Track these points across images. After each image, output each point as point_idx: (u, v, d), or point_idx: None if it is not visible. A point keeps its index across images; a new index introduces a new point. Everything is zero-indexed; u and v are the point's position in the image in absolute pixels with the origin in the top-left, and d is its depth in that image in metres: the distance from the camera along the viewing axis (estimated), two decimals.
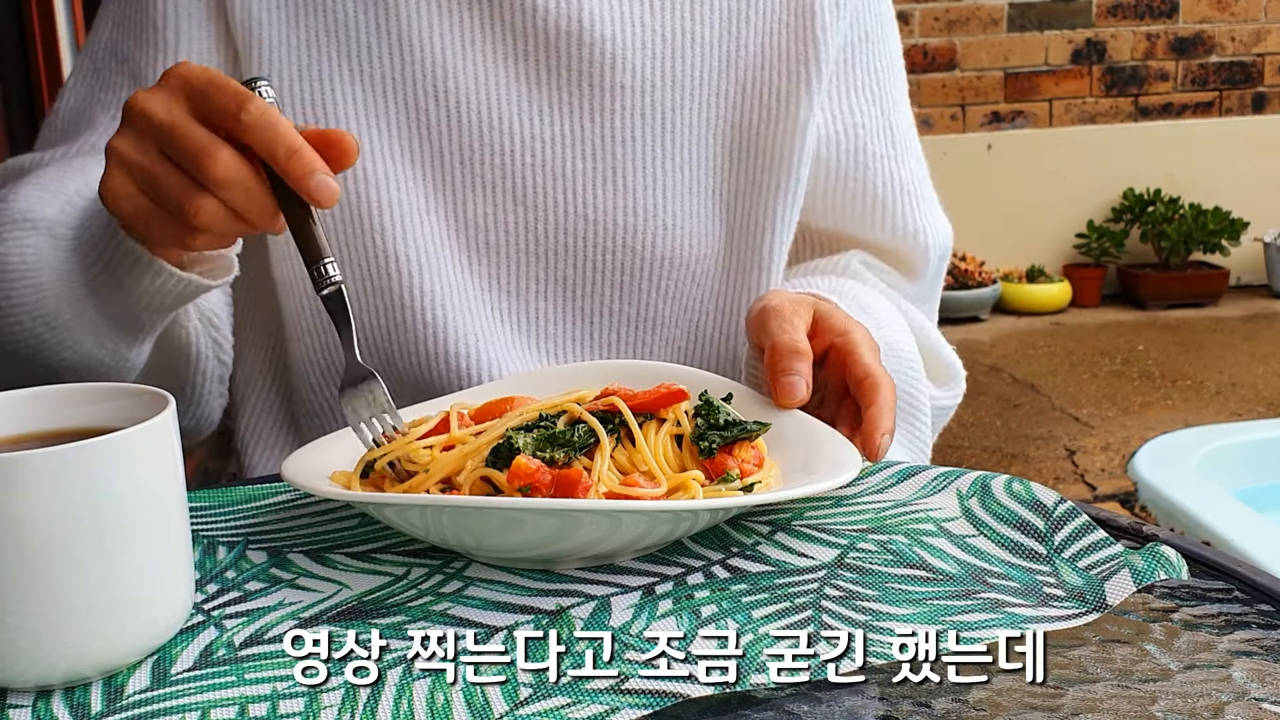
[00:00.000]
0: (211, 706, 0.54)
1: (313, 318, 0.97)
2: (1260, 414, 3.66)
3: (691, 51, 0.96)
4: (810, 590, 0.63)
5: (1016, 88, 5.20)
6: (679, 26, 0.96)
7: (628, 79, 0.94)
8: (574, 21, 0.93)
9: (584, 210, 0.95)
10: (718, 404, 0.73)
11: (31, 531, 0.53)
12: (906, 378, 1.00)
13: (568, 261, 0.96)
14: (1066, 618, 0.60)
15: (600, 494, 0.66)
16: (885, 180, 1.04)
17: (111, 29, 0.96)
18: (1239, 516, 2.75)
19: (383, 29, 0.92)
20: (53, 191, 0.87)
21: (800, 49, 0.98)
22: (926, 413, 1.02)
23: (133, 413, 0.59)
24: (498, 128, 0.93)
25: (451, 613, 0.62)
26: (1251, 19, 5.28)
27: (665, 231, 0.96)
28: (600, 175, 0.95)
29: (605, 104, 0.94)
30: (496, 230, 0.95)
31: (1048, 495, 0.71)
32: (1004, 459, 3.36)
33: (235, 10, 0.91)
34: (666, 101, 0.96)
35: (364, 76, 0.92)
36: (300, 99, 0.92)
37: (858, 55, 1.02)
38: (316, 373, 0.99)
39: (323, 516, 0.74)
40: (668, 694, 0.53)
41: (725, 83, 0.97)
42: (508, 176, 0.94)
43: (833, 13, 0.98)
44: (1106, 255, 5.13)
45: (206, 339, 0.92)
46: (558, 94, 0.94)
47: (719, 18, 0.97)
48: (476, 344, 0.94)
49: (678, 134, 0.96)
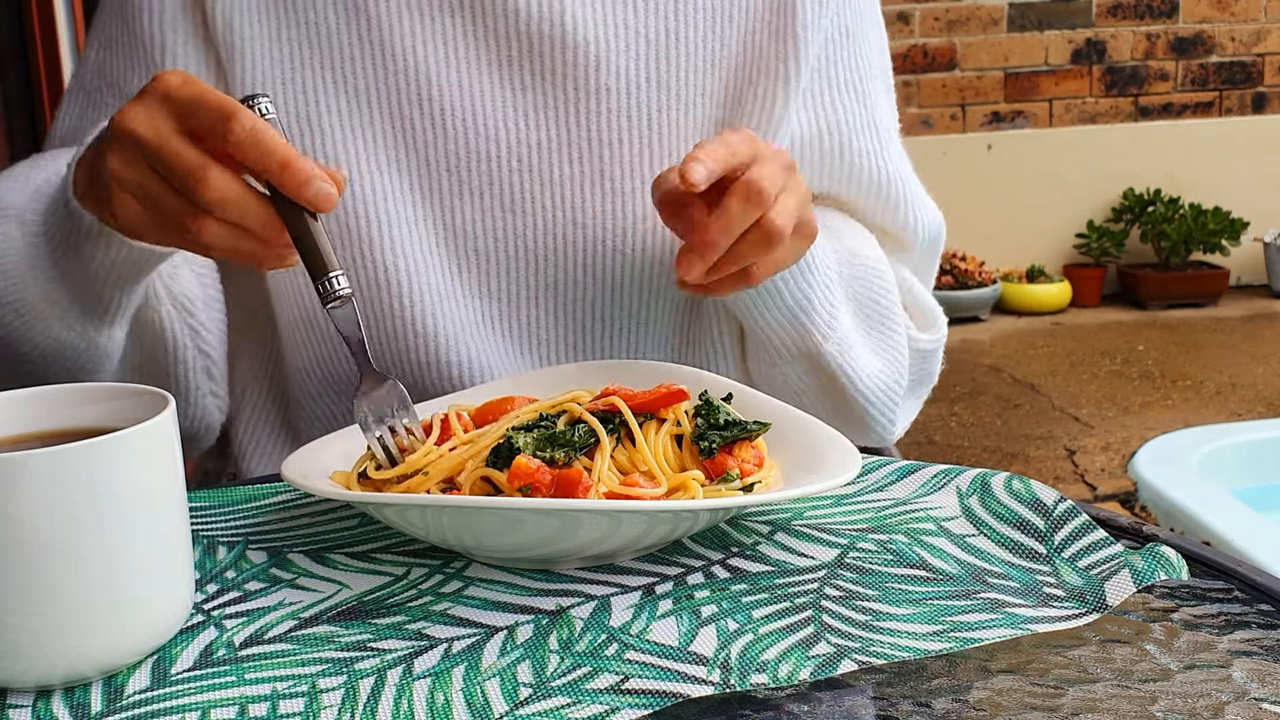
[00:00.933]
0: (211, 706, 0.54)
1: (309, 327, 0.97)
2: (1260, 414, 3.66)
3: (676, 52, 0.96)
4: (810, 590, 0.63)
5: (1016, 88, 5.20)
6: (663, 27, 0.95)
7: (612, 81, 0.94)
8: (556, 25, 0.92)
9: (572, 214, 0.95)
10: (718, 404, 0.73)
11: (31, 531, 0.53)
12: (874, 285, 1.00)
13: (557, 266, 0.95)
14: (1067, 618, 0.60)
15: (600, 494, 0.66)
16: (871, 175, 1.04)
17: (98, 50, 0.96)
18: (1239, 516, 2.75)
19: (365, 39, 0.92)
20: (21, 182, 0.88)
21: (779, 46, 0.97)
22: (899, 327, 1.02)
23: (133, 413, 0.59)
24: (484, 134, 0.93)
25: (451, 613, 0.62)
26: (1251, 19, 5.28)
27: (654, 233, 0.96)
28: (588, 179, 0.95)
29: (591, 107, 0.94)
30: (485, 237, 0.95)
31: (1048, 494, 0.71)
32: (1004, 459, 3.36)
33: (217, 25, 0.91)
34: (652, 103, 0.95)
35: (348, 87, 0.92)
36: (285, 112, 0.92)
37: (840, 51, 1.02)
38: (314, 382, 0.99)
39: (323, 516, 0.74)
40: (668, 694, 0.53)
41: (710, 82, 0.97)
42: (495, 183, 0.94)
43: (814, 10, 0.98)
44: (1106, 255, 5.13)
45: (181, 325, 0.92)
46: (543, 98, 0.93)
47: (703, 17, 0.96)
48: (468, 351, 0.94)
49: (664, 135, 0.96)
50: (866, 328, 1.01)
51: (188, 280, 0.93)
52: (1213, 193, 5.15)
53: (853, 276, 0.99)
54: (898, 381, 1.02)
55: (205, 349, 0.94)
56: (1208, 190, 5.17)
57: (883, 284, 1.01)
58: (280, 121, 0.92)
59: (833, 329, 0.96)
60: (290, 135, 0.92)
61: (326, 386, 0.98)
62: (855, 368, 0.98)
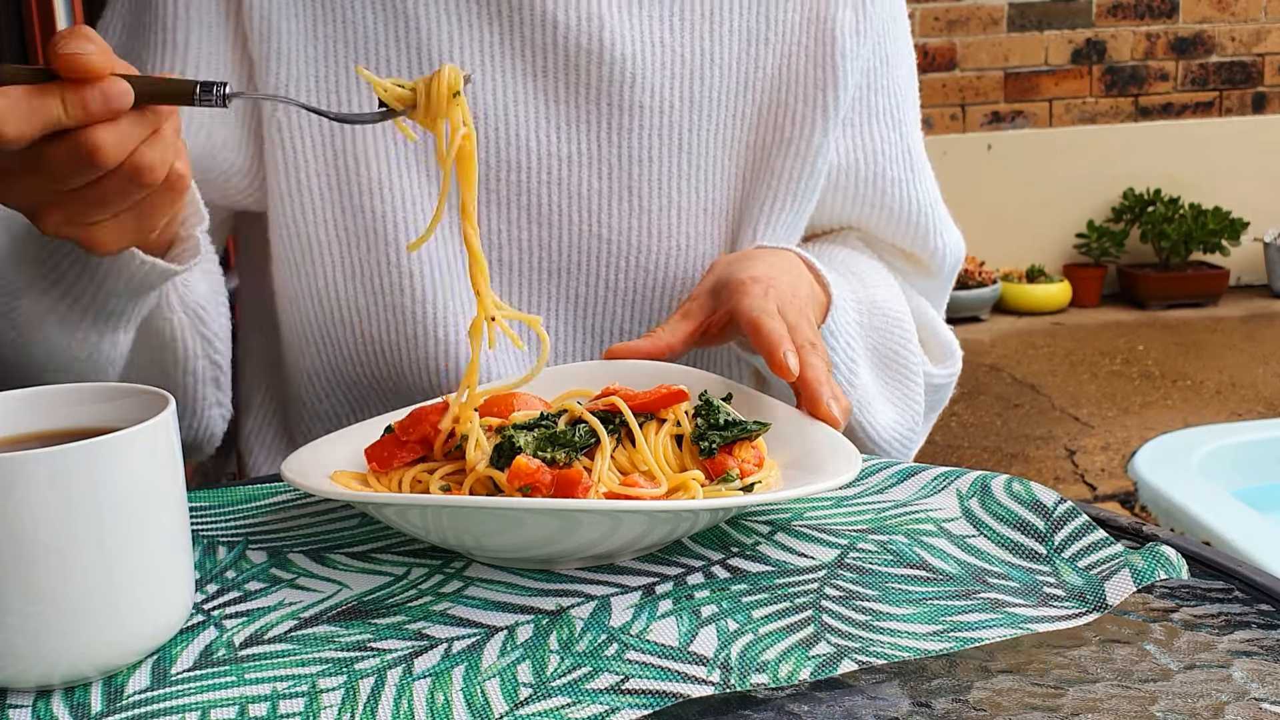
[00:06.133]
0: (211, 706, 0.54)
1: (316, 329, 0.96)
2: (1260, 414, 3.66)
3: (710, 73, 0.96)
4: (810, 590, 0.63)
5: (1016, 88, 5.20)
6: (698, 47, 0.95)
7: (646, 99, 0.94)
8: (594, 40, 0.92)
9: (597, 229, 0.95)
10: (718, 404, 0.73)
11: (31, 531, 0.53)
12: (894, 336, 1.00)
13: (580, 279, 0.95)
14: (1067, 618, 0.60)
15: (600, 494, 0.66)
16: (902, 204, 1.04)
17: (121, 32, 0.94)
18: (1239, 516, 2.75)
19: (402, 41, 0.91)
20: None
21: (819, 74, 0.97)
22: (917, 375, 1.02)
23: (133, 413, 0.59)
24: (514, 144, 0.93)
25: (451, 613, 0.62)
26: (1251, 19, 5.28)
27: (679, 252, 0.96)
28: (616, 194, 0.94)
29: (623, 123, 0.94)
30: (510, 246, 0.94)
31: (1048, 495, 0.71)
32: (1004, 459, 3.36)
33: (254, 19, 0.90)
34: (684, 122, 0.95)
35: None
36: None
37: (880, 80, 1.01)
38: (321, 382, 0.98)
39: (323, 516, 0.74)
40: (668, 694, 0.53)
41: (742, 104, 0.97)
42: (523, 193, 0.94)
43: (854, 39, 0.97)
44: (1106, 255, 5.14)
45: (193, 334, 0.90)
46: (576, 111, 0.93)
47: (738, 39, 0.96)
48: (487, 360, 0.94)
49: (694, 155, 0.96)
50: (885, 378, 1.01)
51: (199, 286, 0.91)
52: (1213, 193, 5.16)
53: (873, 327, 0.99)
54: (912, 429, 1.03)
55: (215, 359, 0.93)
56: (1208, 190, 5.17)
57: (903, 334, 1.01)
58: (308, 117, 0.91)
59: (853, 385, 0.96)
60: (311, 131, 0.92)
61: (332, 387, 0.98)
62: (873, 421, 0.99)
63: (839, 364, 0.95)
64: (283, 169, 0.92)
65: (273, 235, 0.96)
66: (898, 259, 1.09)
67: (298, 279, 0.95)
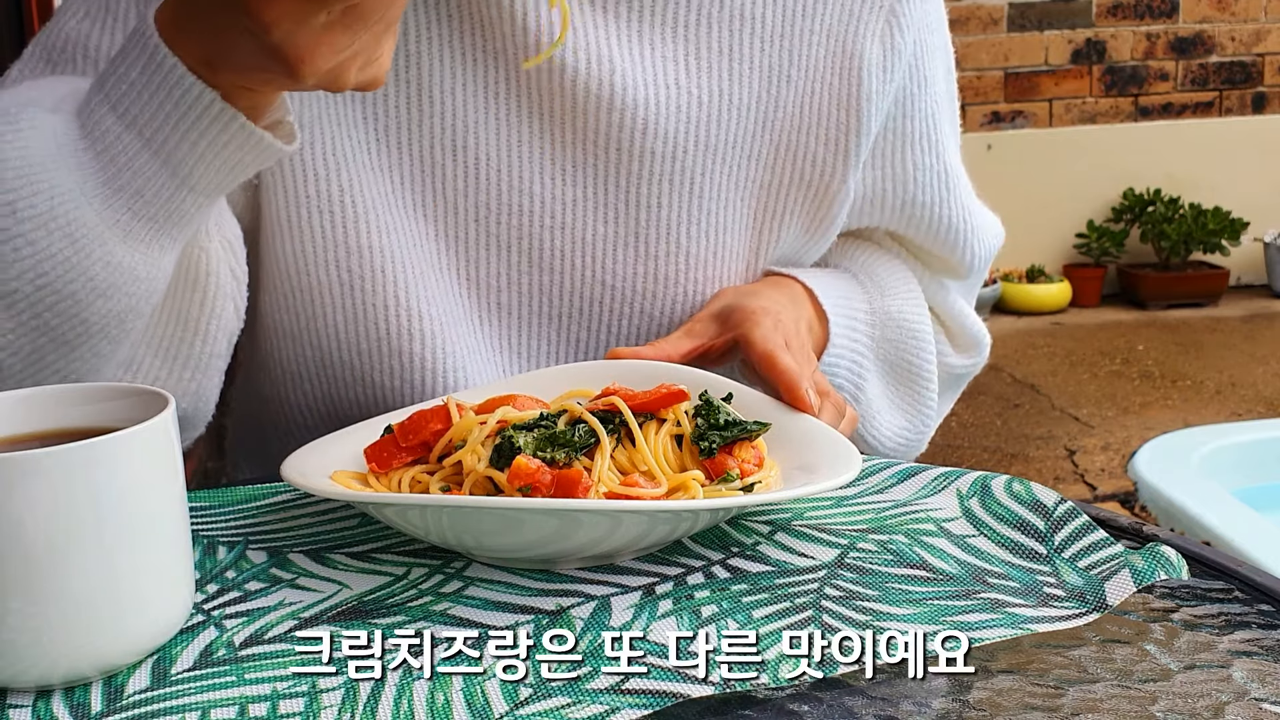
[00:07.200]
0: (211, 706, 0.54)
1: (312, 364, 0.92)
2: (1260, 414, 3.66)
3: (728, 115, 0.91)
4: (810, 590, 0.63)
5: (1016, 88, 5.20)
6: (716, 88, 0.91)
7: (658, 145, 0.90)
8: (605, 85, 0.88)
9: (602, 275, 0.92)
10: (718, 404, 0.73)
11: (32, 531, 0.53)
12: (908, 347, 0.99)
13: (582, 325, 0.93)
14: (1067, 618, 0.60)
15: (600, 494, 0.66)
16: (932, 223, 1.01)
17: (78, 20, 0.85)
18: (1239, 516, 2.75)
19: (401, 78, 0.88)
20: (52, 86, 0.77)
21: (842, 116, 0.93)
22: (930, 381, 1.01)
23: (133, 413, 0.59)
24: (516, 187, 0.89)
25: (451, 613, 0.62)
26: (1251, 19, 5.28)
27: (685, 298, 0.93)
28: (621, 240, 0.91)
29: (632, 169, 0.90)
30: (509, 290, 0.92)
31: (1048, 495, 0.71)
32: (1004, 459, 3.36)
33: None
34: (697, 167, 0.91)
35: (378, 125, 0.88)
36: (310, 143, 0.87)
37: (915, 105, 0.97)
38: (314, 417, 0.95)
39: (323, 516, 0.74)
40: (668, 694, 0.53)
41: (759, 144, 0.93)
42: (524, 237, 0.90)
43: (880, 78, 0.93)
44: (1106, 255, 5.14)
45: (226, 270, 0.83)
46: (582, 156, 0.89)
47: (758, 77, 0.92)
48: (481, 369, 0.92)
49: (705, 199, 0.92)
50: (895, 388, 1.00)
51: (233, 223, 0.85)
52: (1213, 193, 5.15)
53: (885, 339, 0.99)
54: (920, 434, 1.02)
55: (239, 305, 0.86)
56: (1208, 190, 5.17)
57: (917, 344, 1.00)
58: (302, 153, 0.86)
59: (857, 400, 0.95)
60: (312, 168, 0.87)
61: (323, 419, 0.94)
62: (878, 431, 0.99)
63: (843, 387, 0.95)
64: (282, 202, 0.88)
65: (266, 266, 0.90)
66: (927, 256, 1.06)
67: (295, 318, 0.91)
